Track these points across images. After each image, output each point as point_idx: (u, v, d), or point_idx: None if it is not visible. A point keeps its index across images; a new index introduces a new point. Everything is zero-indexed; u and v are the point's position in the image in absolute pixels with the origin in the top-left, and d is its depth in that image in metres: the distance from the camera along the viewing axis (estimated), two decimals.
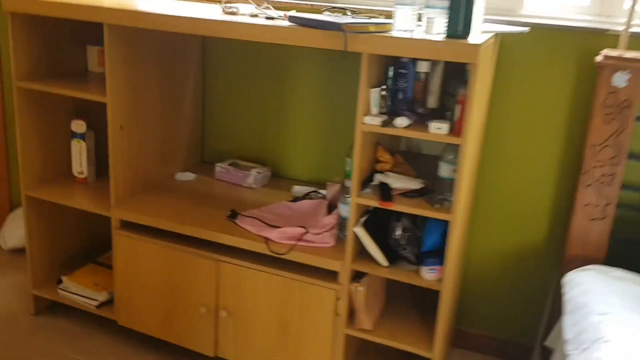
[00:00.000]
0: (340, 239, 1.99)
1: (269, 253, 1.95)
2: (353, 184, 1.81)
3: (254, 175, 2.42)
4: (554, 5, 2.17)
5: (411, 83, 1.87)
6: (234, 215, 2.13)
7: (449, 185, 1.79)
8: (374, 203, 1.80)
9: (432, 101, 1.89)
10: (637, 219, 2.11)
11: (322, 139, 2.47)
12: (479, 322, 2.42)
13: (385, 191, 1.81)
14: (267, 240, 1.98)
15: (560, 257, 2.22)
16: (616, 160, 1.94)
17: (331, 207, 2.18)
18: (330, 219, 2.00)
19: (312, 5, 2.34)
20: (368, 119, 1.75)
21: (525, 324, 2.36)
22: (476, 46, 1.58)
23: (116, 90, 2.09)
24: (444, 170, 1.79)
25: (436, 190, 1.84)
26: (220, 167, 2.49)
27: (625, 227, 2.09)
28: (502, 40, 2.10)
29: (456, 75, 1.94)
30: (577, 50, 2.05)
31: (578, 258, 2.07)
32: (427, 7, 1.67)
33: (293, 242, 1.95)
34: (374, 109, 1.80)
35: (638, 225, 2.12)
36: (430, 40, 1.62)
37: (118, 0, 2.22)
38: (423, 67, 1.85)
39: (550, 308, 2.26)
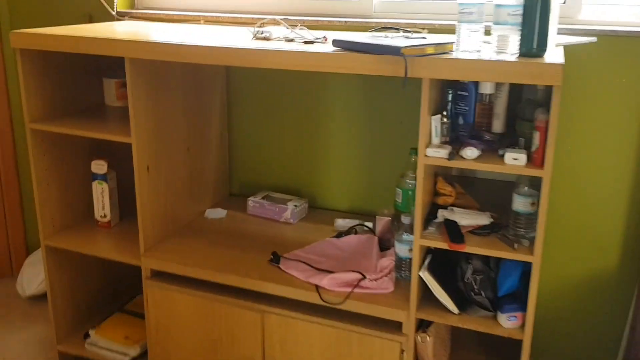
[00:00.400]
0: (398, 281, 1.79)
1: (321, 303, 1.76)
2: (416, 223, 1.61)
3: (291, 209, 2.22)
4: (615, 10, 1.97)
5: (473, 106, 1.68)
6: (276, 258, 1.93)
7: (525, 220, 1.58)
8: (441, 245, 1.60)
9: (497, 125, 1.69)
10: None
11: (363, 164, 2.27)
12: (548, 357, 2.21)
13: (453, 230, 1.60)
14: (318, 288, 1.78)
15: (638, 286, 2.01)
16: None
17: (381, 242, 1.98)
18: (388, 261, 1.80)
19: (345, 22, 2.15)
20: (431, 151, 1.55)
21: (598, 358, 2.15)
22: (558, 66, 1.38)
23: (141, 129, 1.89)
24: (520, 204, 1.58)
25: (508, 224, 1.64)
26: (253, 202, 2.29)
27: None
28: (565, 51, 1.90)
29: (519, 94, 1.74)
30: None
31: None
32: (497, 23, 1.46)
33: (348, 290, 1.75)
34: (436, 139, 1.60)
35: None
36: (503, 62, 1.42)
37: (134, 30, 2.03)
38: (487, 88, 1.65)
39: (628, 341, 2.05)
